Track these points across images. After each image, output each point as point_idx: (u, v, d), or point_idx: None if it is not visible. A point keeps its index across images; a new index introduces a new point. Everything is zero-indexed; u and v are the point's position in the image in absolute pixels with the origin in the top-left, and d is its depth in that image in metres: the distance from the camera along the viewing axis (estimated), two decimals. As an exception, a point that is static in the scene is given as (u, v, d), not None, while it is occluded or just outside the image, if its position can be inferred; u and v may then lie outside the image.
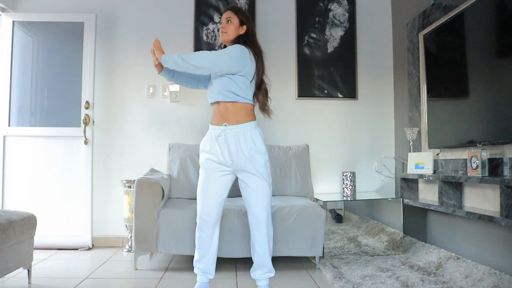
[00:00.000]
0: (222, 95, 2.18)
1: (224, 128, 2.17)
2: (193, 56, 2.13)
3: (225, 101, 2.18)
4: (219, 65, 2.13)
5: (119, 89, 3.65)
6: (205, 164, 2.22)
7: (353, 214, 3.91)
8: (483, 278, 2.25)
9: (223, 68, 2.14)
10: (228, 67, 2.13)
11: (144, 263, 2.92)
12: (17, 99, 3.54)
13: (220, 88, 2.19)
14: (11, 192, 3.45)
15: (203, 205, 2.23)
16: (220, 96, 2.19)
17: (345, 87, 3.78)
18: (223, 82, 2.17)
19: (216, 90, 2.21)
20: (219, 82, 2.19)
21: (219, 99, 2.20)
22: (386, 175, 3.72)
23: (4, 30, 3.50)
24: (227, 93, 2.17)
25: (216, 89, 2.21)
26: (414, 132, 3.20)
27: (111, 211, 3.56)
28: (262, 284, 2.23)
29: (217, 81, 2.21)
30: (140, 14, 3.69)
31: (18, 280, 2.49)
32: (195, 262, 2.27)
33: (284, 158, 3.40)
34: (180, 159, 3.31)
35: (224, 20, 2.27)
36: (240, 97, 2.17)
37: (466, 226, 2.69)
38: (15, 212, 2.34)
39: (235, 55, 2.14)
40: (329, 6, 3.81)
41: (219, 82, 2.20)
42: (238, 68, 2.15)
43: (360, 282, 2.37)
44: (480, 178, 2.30)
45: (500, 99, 2.32)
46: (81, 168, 3.48)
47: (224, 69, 2.14)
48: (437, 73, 3.04)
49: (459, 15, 2.70)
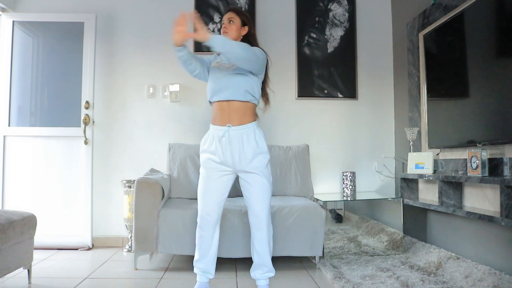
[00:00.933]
0: (238, 94, 2.14)
1: (227, 129, 2.16)
2: (235, 43, 2.06)
3: (235, 100, 2.15)
4: (254, 62, 2.11)
5: (119, 89, 3.65)
6: (206, 164, 2.21)
7: (353, 214, 3.91)
8: (483, 278, 2.25)
9: (255, 66, 2.13)
10: (259, 66, 2.15)
11: (144, 263, 2.92)
12: (17, 99, 3.54)
13: (236, 86, 2.14)
14: (11, 192, 3.45)
15: (203, 204, 2.23)
16: (235, 95, 2.14)
17: (345, 87, 3.79)
18: (242, 81, 2.14)
19: (230, 89, 2.15)
20: (236, 80, 2.15)
21: (230, 98, 2.15)
22: (386, 175, 3.72)
23: (4, 30, 3.50)
24: (245, 93, 2.14)
25: (230, 88, 2.15)
26: (414, 132, 3.20)
27: (111, 211, 3.56)
28: (262, 284, 2.23)
29: (230, 79, 2.16)
30: (140, 14, 3.69)
31: (18, 280, 2.49)
32: (195, 262, 2.27)
33: (284, 158, 3.40)
34: (180, 159, 3.31)
35: (226, 20, 2.26)
36: (254, 97, 2.19)
37: (466, 226, 2.69)
38: (15, 212, 2.34)
39: (262, 56, 2.16)
40: (329, 6, 3.81)
41: (235, 81, 2.15)
42: (262, 70, 2.20)
43: (360, 282, 2.37)
44: (480, 178, 2.30)
45: (500, 99, 2.32)
46: (81, 168, 3.48)
47: (255, 67, 2.13)
48: (437, 73, 3.04)
49: (459, 15, 2.70)
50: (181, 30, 2.03)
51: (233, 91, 2.15)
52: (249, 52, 2.08)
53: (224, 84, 2.17)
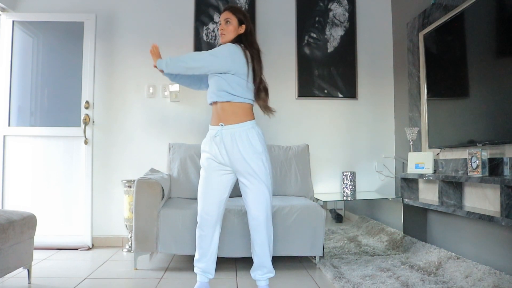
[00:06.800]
0: (216, 95, 2.20)
1: (220, 128, 2.18)
2: (183, 58, 2.18)
3: (222, 101, 2.19)
4: (206, 65, 2.16)
5: (119, 89, 3.65)
6: (206, 163, 2.23)
7: (353, 214, 3.91)
8: (483, 278, 2.25)
9: (211, 67, 2.17)
10: (215, 66, 2.16)
11: (144, 263, 2.92)
12: (17, 99, 3.54)
13: (214, 88, 2.21)
14: (11, 192, 3.44)
15: (203, 204, 2.23)
16: (215, 96, 2.21)
17: (345, 87, 3.78)
18: (216, 81, 2.20)
19: (212, 90, 2.24)
20: (214, 82, 2.22)
21: (214, 99, 2.22)
22: (386, 175, 3.72)
23: (4, 30, 3.50)
24: (220, 93, 2.18)
25: (211, 89, 2.24)
26: (414, 132, 3.20)
27: (111, 211, 3.55)
28: (262, 284, 2.23)
29: (212, 81, 2.24)
30: (140, 14, 3.69)
31: (18, 280, 2.49)
32: (195, 262, 2.27)
33: (284, 158, 3.40)
34: (180, 159, 3.31)
35: (223, 21, 2.26)
36: (234, 96, 2.17)
37: (466, 226, 2.69)
38: (15, 212, 2.34)
39: (220, 54, 2.15)
40: (329, 6, 3.81)
41: (213, 82, 2.22)
42: (227, 67, 2.15)
43: (360, 282, 2.37)
44: (480, 178, 2.30)
45: (500, 99, 2.32)
46: (81, 168, 3.48)
47: (212, 68, 2.17)
48: (437, 72, 3.04)
49: (459, 15, 2.70)
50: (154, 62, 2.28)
51: (213, 92, 2.23)
52: (197, 58, 2.19)
53: (210, 86, 2.26)
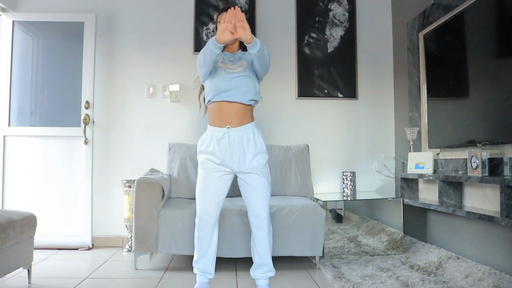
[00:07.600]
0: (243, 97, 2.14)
1: (227, 130, 2.14)
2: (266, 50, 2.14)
3: (238, 102, 2.14)
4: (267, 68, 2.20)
5: (119, 89, 3.65)
6: (205, 164, 2.20)
7: (353, 214, 3.91)
8: (483, 278, 2.25)
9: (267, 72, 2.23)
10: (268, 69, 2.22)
11: (144, 263, 2.92)
12: (17, 99, 3.54)
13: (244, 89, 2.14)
14: (11, 192, 3.45)
15: (202, 205, 2.22)
16: (241, 97, 2.13)
17: (345, 87, 3.79)
18: (251, 84, 2.17)
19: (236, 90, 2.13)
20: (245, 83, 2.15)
21: (234, 99, 2.13)
22: (386, 175, 3.72)
23: (4, 30, 3.50)
24: (251, 96, 2.17)
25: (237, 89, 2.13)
26: (414, 132, 3.20)
27: (111, 211, 3.56)
28: (262, 283, 2.22)
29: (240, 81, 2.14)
30: (140, 14, 3.69)
31: (18, 280, 2.49)
32: (195, 262, 2.26)
33: (284, 158, 3.40)
34: (180, 159, 3.31)
35: None
36: (256, 101, 2.23)
37: (466, 226, 2.69)
38: (15, 212, 2.34)
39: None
40: (329, 6, 3.81)
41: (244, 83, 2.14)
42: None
43: (360, 282, 2.37)
44: (480, 178, 2.30)
45: (500, 99, 2.32)
46: (81, 168, 3.48)
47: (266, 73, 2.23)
48: (437, 72, 3.04)
49: (459, 15, 2.70)
50: (228, 28, 1.99)
51: (239, 93, 2.14)
52: (269, 59, 2.18)
53: (232, 85, 2.14)
